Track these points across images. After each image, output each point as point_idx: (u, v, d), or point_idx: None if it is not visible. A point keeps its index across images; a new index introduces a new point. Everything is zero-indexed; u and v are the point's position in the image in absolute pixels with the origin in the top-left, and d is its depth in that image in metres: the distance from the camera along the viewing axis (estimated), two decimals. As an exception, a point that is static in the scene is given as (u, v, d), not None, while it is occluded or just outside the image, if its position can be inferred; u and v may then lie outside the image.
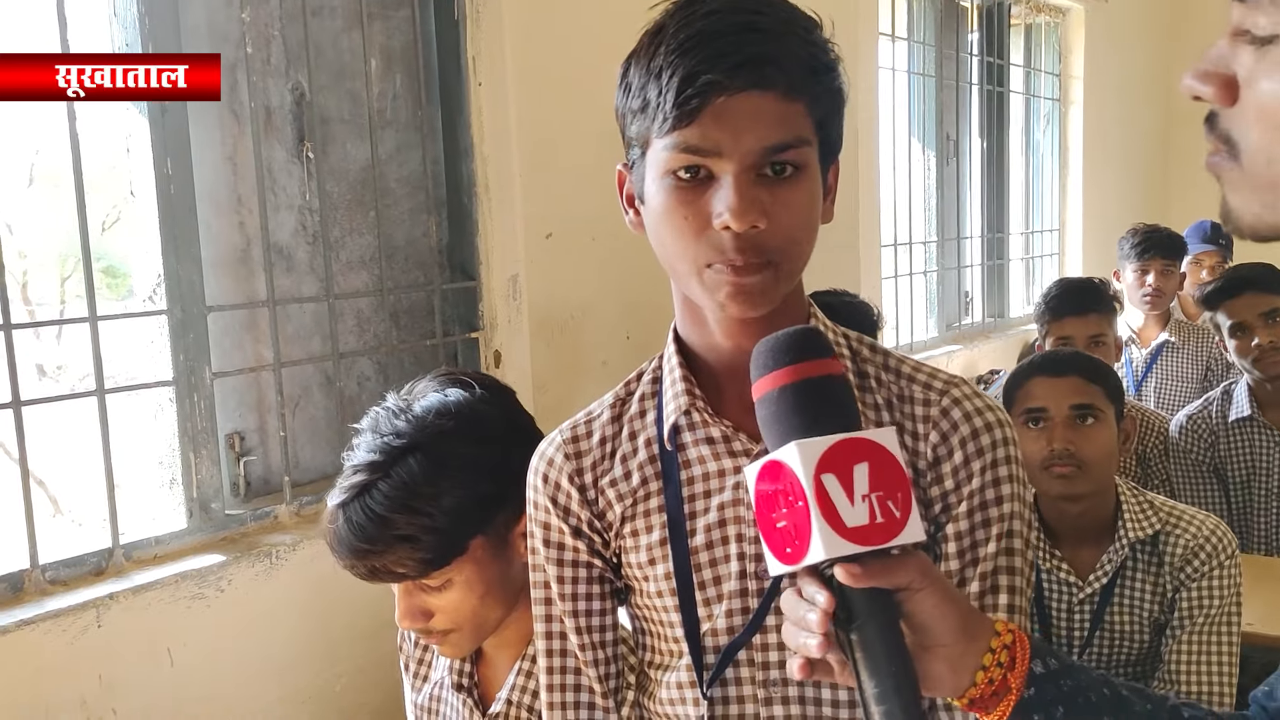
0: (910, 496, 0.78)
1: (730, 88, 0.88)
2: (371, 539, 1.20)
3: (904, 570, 0.79)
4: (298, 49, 2.23)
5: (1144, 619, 1.86)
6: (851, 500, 0.76)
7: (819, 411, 0.80)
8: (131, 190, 1.99)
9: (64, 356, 6.59)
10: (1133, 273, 3.65)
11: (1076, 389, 1.85)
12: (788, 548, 0.79)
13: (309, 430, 2.32)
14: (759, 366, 0.84)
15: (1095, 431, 1.84)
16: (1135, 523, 1.86)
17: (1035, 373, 1.90)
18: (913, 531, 0.78)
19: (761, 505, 0.81)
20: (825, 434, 0.78)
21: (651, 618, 1.08)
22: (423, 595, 1.27)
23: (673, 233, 0.94)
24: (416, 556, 1.21)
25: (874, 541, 0.77)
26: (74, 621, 1.76)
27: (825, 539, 0.76)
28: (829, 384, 0.82)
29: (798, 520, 0.77)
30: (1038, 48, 5.48)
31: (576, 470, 1.08)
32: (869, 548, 0.77)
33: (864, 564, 0.77)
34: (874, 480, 0.77)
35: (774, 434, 0.81)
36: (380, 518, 1.19)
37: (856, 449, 0.78)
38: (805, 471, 0.76)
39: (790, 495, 0.78)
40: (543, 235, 2.64)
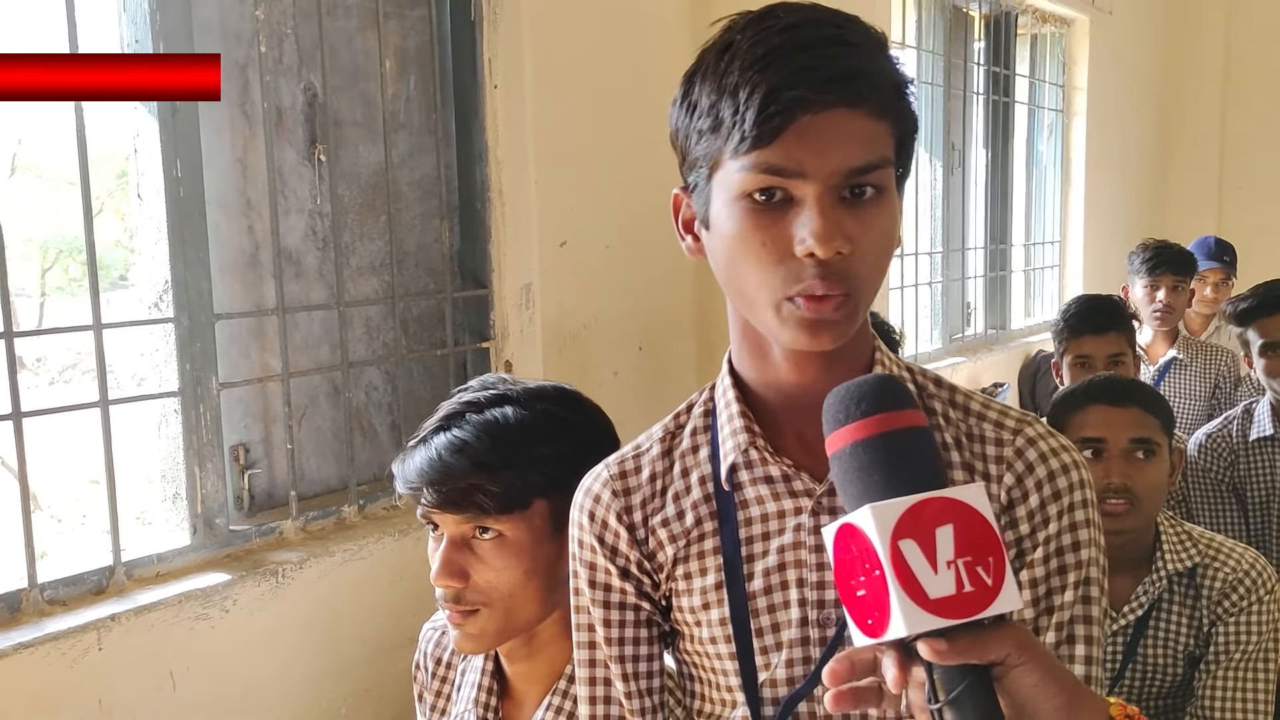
0: (1004, 560, 0.72)
1: (817, 105, 0.83)
2: (449, 463, 1.21)
3: (998, 643, 0.72)
4: (311, 48, 2.16)
5: (1178, 652, 1.81)
6: (935, 568, 0.70)
7: (897, 468, 0.74)
8: (139, 193, 1.91)
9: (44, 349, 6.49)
10: (1143, 288, 3.61)
11: (1137, 421, 1.80)
12: (868, 619, 0.73)
13: (315, 442, 2.25)
14: (831, 419, 0.79)
15: (1151, 466, 1.78)
16: (1174, 555, 1.81)
17: (1094, 400, 1.83)
18: (1007, 600, 0.71)
19: (840, 571, 0.76)
20: (904, 494, 0.72)
21: (703, 665, 1.03)
22: (467, 552, 1.24)
23: (749, 260, 0.88)
24: (487, 489, 1.20)
25: (962, 614, 0.70)
26: (74, 644, 1.69)
27: (906, 613, 0.70)
28: (908, 437, 0.76)
29: (876, 591, 0.71)
30: (1042, 58, 5.46)
31: (625, 508, 1.03)
32: (956, 621, 0.70)
33: (951, 638, 0.71)
34: (960, 544, 0.71)
35: (849, 495, 0.76)
36: (463, 443, 1.21)
37: (939, 510, 0.72)
38: (881, 538, 0.71)
39: (867, 563, 0.72)
40: (557, 243, 2.57)
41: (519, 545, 1.24)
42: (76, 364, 6.43)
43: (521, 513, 1.23)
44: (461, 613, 1.25)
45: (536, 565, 1.24)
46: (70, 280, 7.18)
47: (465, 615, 1.25)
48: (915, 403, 0.80)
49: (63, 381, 6.41)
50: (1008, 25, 4.97)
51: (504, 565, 1.24)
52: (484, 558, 1.24)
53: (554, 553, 1.26)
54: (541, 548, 1.25)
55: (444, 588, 1.25)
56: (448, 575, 1.24)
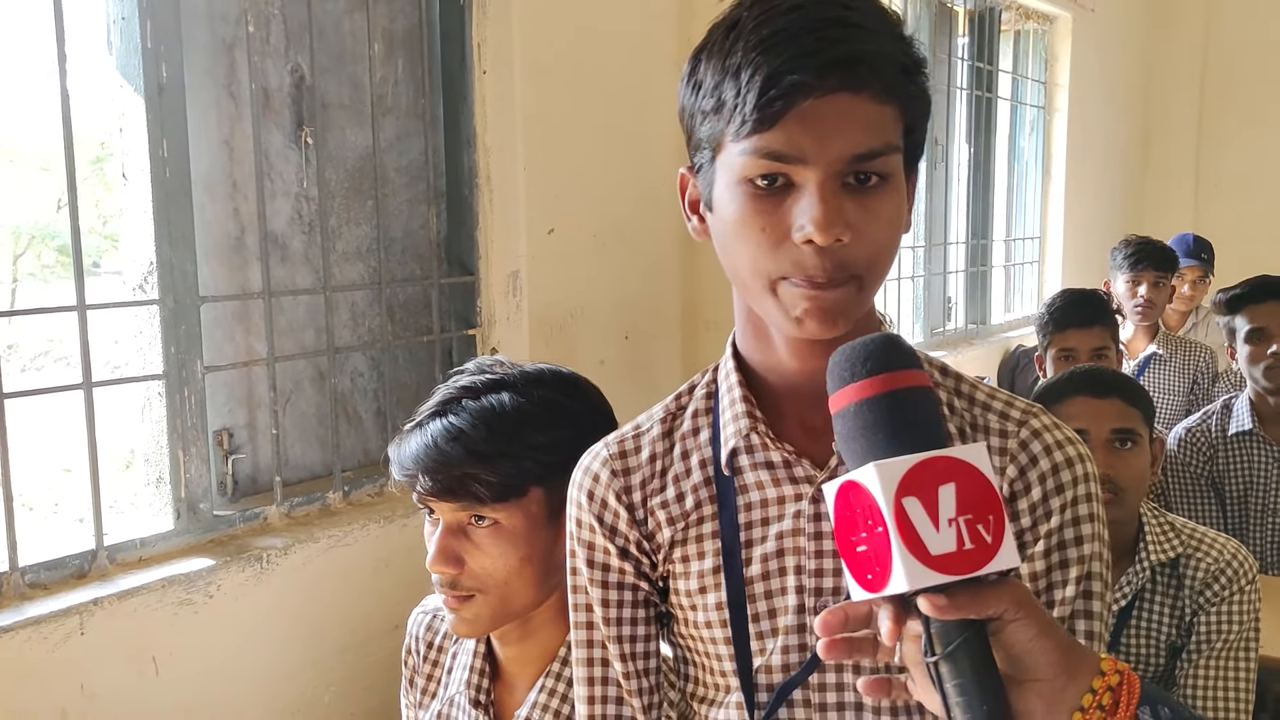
0: (1004, 519, 0.72)
1: (819, 89, 0.81)
2: (445, 452, 1.20)
3: (996, 599, 0.72)
4: (299, 30, 2.14)
5: (1160, 642, 1.83)
6: (936, 525, 0.71)
7: (901, 427, 0.74)
8: (124, 173, 1.88)
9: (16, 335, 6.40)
10: (1124, 284, 3.64)
11: (1118, 412, 1.81)
12: (868, 574, 0.73)
13: (299, 427, 2.23)
14: (835, 377, 0.78)
15: (1133, 456, 1.80)
16: (1157, 545, 1.83)
17: (1076, 391, 1.85)
18: (1006, 558, 0.72)
19: (841, 527, 0.76)
20: (907, 452, 0.72)
21: (698, 649, 1.02)
22: (463, 539, 1.24)
23: (747, 244, 0.87)
24: (483, 478, 1.20)
25: (962, 570, 0.71)
26: (56, 628, 1.67)
27: (908, 568, 0.70)
28: (912, 396, 0.75)
29: (878, 547, 0.72)
30: (1025, 55, 5.49)
31: (624, 488, 1.02)
32: (956, 577, 0.71)
33: (951, 594, 0.71)
34: (962, 502, 0.71)
35: (852, 452, 0.76)
36: (460, 431, 1.20)
37: (942, 468, 0.72)
38: (885, 495, 0.71)
39: (870, 519, 0.72)
40: (544, 231, 2.56)
41: (515, 532, 1.23)
42: (49, 351, 6.34)
43: (518, 500, 1.23)
44: (457, 598, 1.25)
45: (532, 552, 1.24)
46: (43, 267, 7.07)
47: (461, 600, 1.25)
48: (919, 362, 0.79)
49: (35, 369, 6.33)
50: (991, 21, 4.98)
51: (500, 552, 1.24)
52: (480, 544, 1.24)
53: (550, 539, 1.26)
54: (537, 534, 1.24)
55: (440, 574, 1.25)
56: (443, 562, 1.24)
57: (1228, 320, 2.67)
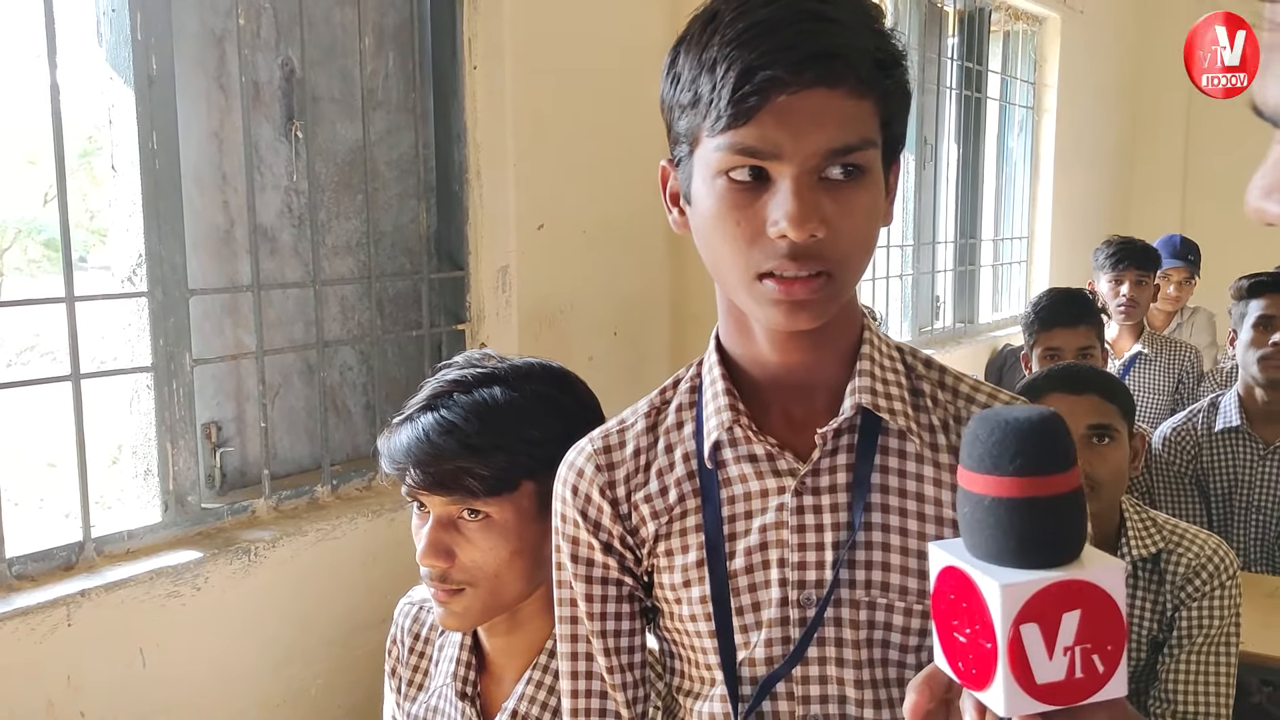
0: (1123, 648, 0.67)
1: (794, 84, 0.81)
2: (437, 445, 1.19)
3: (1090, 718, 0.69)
4: (289, 23, 2.14)
5: (1142, 637, 1.85)
6: (1050, 654, 0.65)
7: (1038, 540, 0.67)
8: (113, 166, 1.88)
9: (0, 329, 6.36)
10: (1107, 283, 3.66)
11: (1094, 408, 1.83)
12: (961, 663, 0.69)
13: (288, 421, 2.23)
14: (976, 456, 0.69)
15: (1110, 452, 1.81)
16: (1138, 540, 1.85)
17: (1053, 388, 1.86)
18: (1115, 688, 0.67)
19: (940, 602, 0.71)
20: (1036, 566, 0.66)
21: (683, 642, 1.03)
22: (454, 532, 1.24)
23: (723, 238, 0.87)
24: (475, 471, 1.19)
25: (1065, 700, 0.66)
26: (43, 620, 1.67)
27: (1009, 697, 0.65)
28: (1058, 505, 0.67)
29: (981, 656, 0.67)
30: (1014, 55, 5.51)
31: (608, 482, 1.02)
32: (1057, 707, 0.66)
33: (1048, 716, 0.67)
34: (1084, 631, 0.65)
35: (973, 543, 0.69)
36: (451, 425, 1.19)
37: (1072, 594, 0.65)
38: (1003, 619, 0.65)
39: (978, 625, 0.67)
40: (534, 226, 2.57)
41: (506, 526, 1.23)
42: (35, 345, 6.30)
43: (509, 494, 1.22)
44: (447, 591, 1.24)
45: (523, 545, 1.24)
46: (29, 261, 7.03)
47: (451, 594, 1.25)
48: (1074, 459, 0.70)
49: (20, 363, 6.29)
50: (981, 22, 5.01)
51: (490, 546, 1.23)
52: (470, 538, 1.23)
53: (540, 532, 1.25)
54: (528, 528, 1.24)
55: (430, 567, 1.24)
56: (434, 555, 1.23)
57: (1240, 305, 2.64)
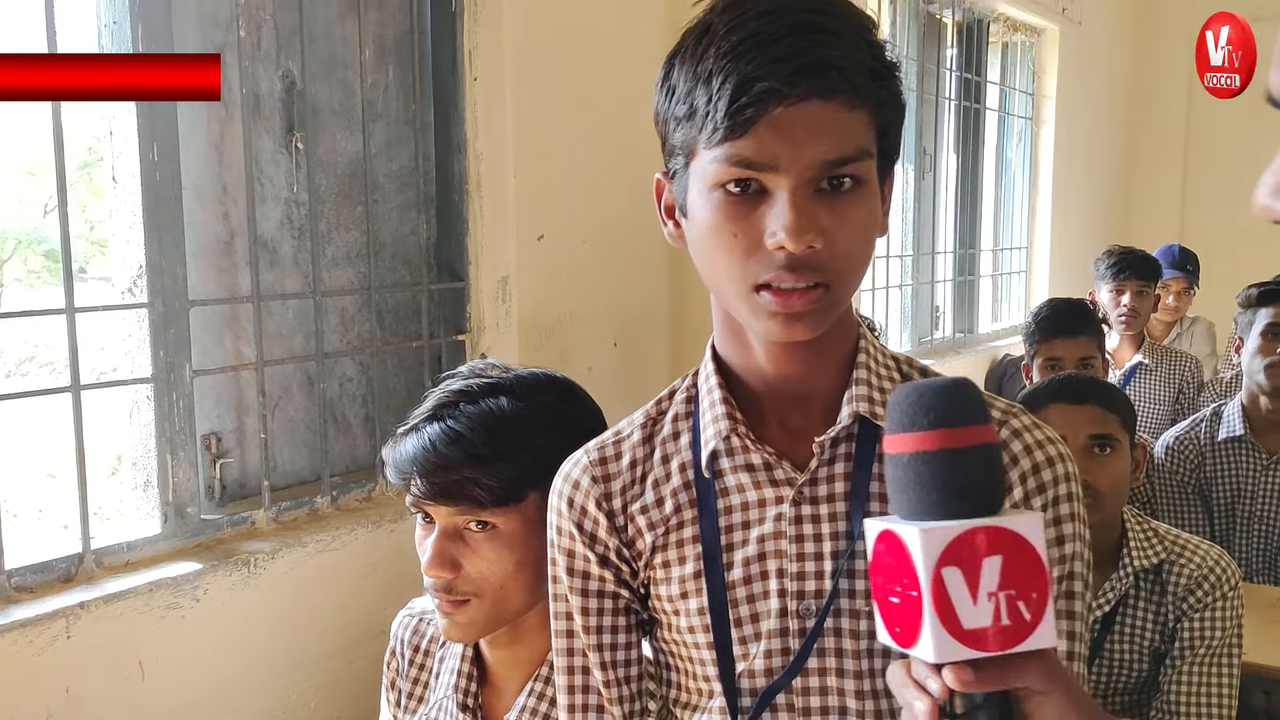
0: (1048, 596, 0.70)
1: (789, 96, 0.81)
2: (444, 454, 1.19)
3: (1022, 673, 0.71)
4: (290, 35, 2.14)
5: (1144, 648, 1.84)
6: (974, 599, 0.68)
7: (956, 489, 0.70)
8: (114, 177, 1.89)
9: None
10: (1108, 293, 3.66)
11: (1095, 418, 1.82)
12: (897, 627, 0.71)
13: (287, 432, 2.23)
14: (895, 419, 0.74)
15: (1111, 462, 1.81)
16: (1140, 551, 1.84)
17: (1053, 398, 1.86)
18: (1042, 637, 0.69)
19: (877, 570, 0.73)
20: (957, 517, 0.69)
21: (681, 654, 1.02)
22: (460, 543, 1.23)
23: (720, 251, 0.87)
24: (483, 482, 1.19)
25: (994, 647, 0.69)
26: (42, 632, 1.66)
27: (937, 641, 0.68)
28: (973, 456, 0.71)
29: (910, 608, 0.70)
30: (1013, 66, 5.53)
31: (604, 494, 1.02)
32: (986, 653, 0.69)
33: (979, 666, 0.69)
34: (1006, 577, 0.68)
35: (899, 503, 0.73)
36: (458, 435, 1.19)
37: (991, 540, 0.69)
38: (925, 562, 0.68)
39: (906, 578, 0.70)
40: (534, 237, 2.57)
41: (511, 537, 1.23)
42: (34, 357, 6.31)
43: (515, 505, 1.22)
44: (452, 602, 1.24)
45: (528, 556, 1.23)
46: (29, 272, 7.03)
47: (455, 605, 1.24)
48: (989, 415, 0.75)
49: (20, 375, 6.28)
50: (979, 33, 5.02)
51: (496, 557, 1.23)
52: (476, 549, 1.23)
53: (545, 544, 1.26)
54: (533, 539, 1.23)
55: (436, 578, 1.24)
56: (439, 566, 1.23)
57: (1248, 313, 2.63)
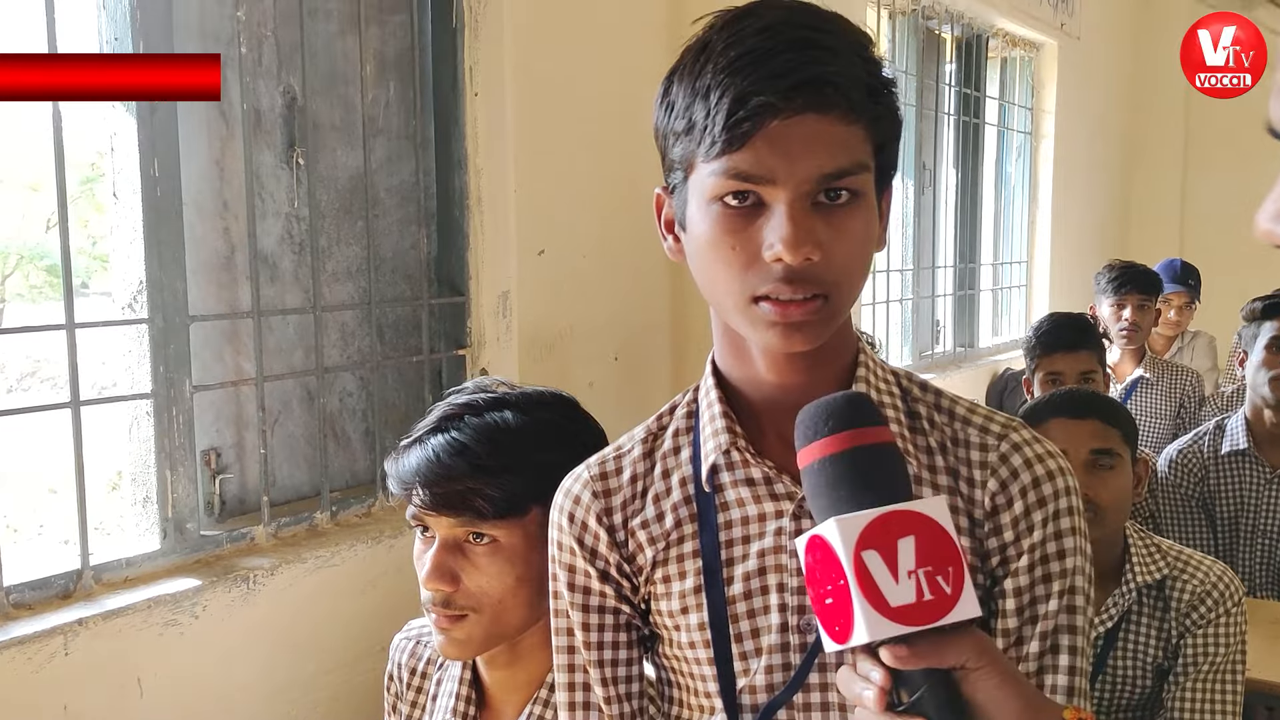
0: (963, 570, 0.75)
1: (785, 111, 0.82)
2: (448, 465, 1.20)
3: (956, 650, 0.75)
4: (291, 51, 2.15)
5: (1147, 664, 1.84)
6: (896, 577, 0.74)
7: (862, 483, 0.77)
8: (114, 192, 1.89)
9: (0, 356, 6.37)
10: (1109, 307, 3.67)
11: (1096, 433, 1.82)
12: (836, 626, 0.76)
13: (287, 448, 2.23)
14: (801, 435, 0.80)
15: (1113, 477, 1.81)
16: (1143, 567, 1.84)
17: (1054, 413, 1.86)
18: (965, 608, 0.75)
19: (811, 580, 0.78)
20: (868, 507, 0.75)
21: (681, 669, 1.02)
22: (460, 556, 1.23)
23: (719, 263, 0.88)
24: (485, 493, 1.19)
25: (921, 621, 0.74)
26: (39, 649, 1.65)
27: (868, 620, 0.73)
28: (874, 453, 0.79)
29: (841, 600, 0.75)
30: (1012, 81, 5.55)
31: (605, 510, 1.02)
32: (916, 628, 0.74)
33: (912, 644, 0.74)
34: (921, 555, 0.74)
35: (817, 508, 0.78)
36: (463, 446, 1.20)
37: (901, 522, 0.75)
38: (845, 549, 0.74)
39: (833, 573, 0.75)
40: (534, 252, 2.57)
41: (512, 551, 1.22)
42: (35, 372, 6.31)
43: (518, 519, 1.22)
44: (449, 617, 1.23)
45: (528, 572, 1.23)
46: (30, 287, 7.04)
47: (453, 620, 1.24)
48: (882, 419, 0.81)
49: (20, 390, 6.29)
50: (978, 48, 5.04)
51: (496, 571, 1.22)
52: (476, 562, 1.23)
53: (545, 561, 1.25)
54: (534, 555, 1.23)
55: (434, 591, 1.23)
56: (438, 579, 1.22)
57: (1253, 326, 2.64)
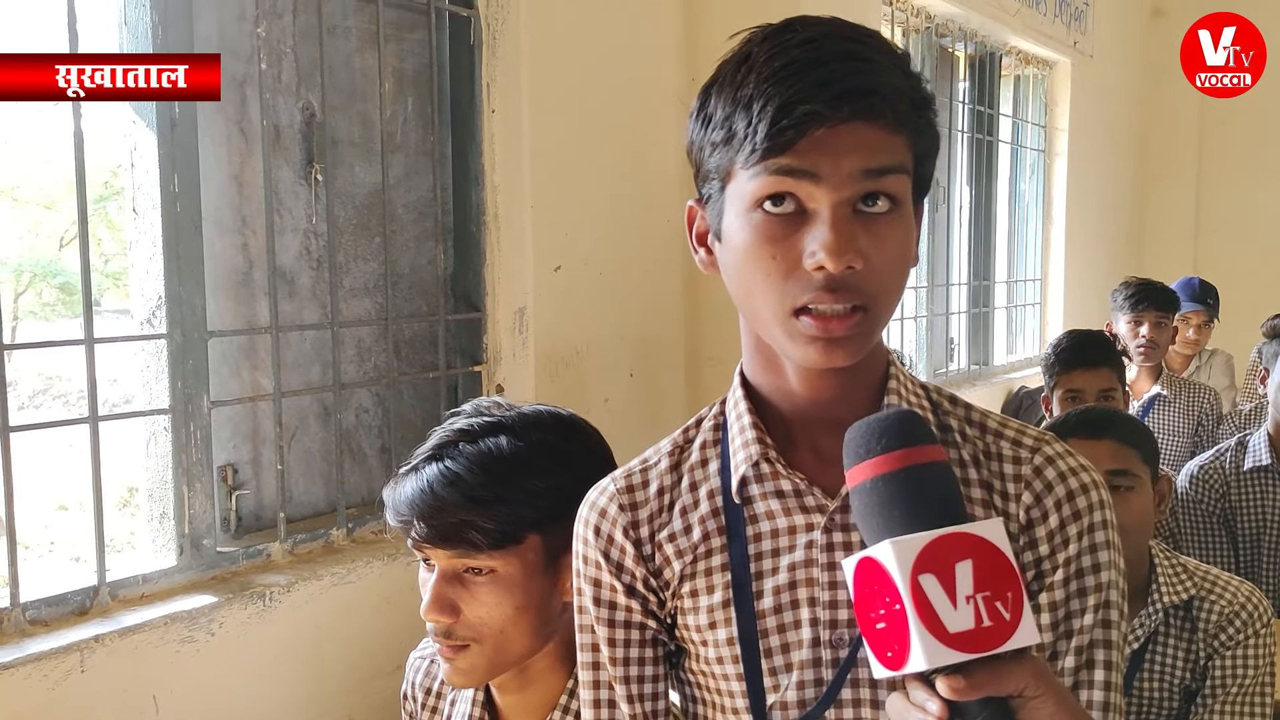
0: (1022, 595, 0.73)
1: (831, 119, 0.81)
2: (441, 497, 1.18)
3: (1015, 677, 0.73)
4: (310, 68, 2.16)
5: (1175, 686, 1.81)
6: (954, 603, 0.72)
7: (918, 504, 0.75)
8: (134, 208, 1.89)
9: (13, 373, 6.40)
10: (1126, 324, 3.64)
11: (1112, 453, 1.79)
12: (888, 651, 0.74)
13: (304, 464, 2.22)
14: (851, 453, 0.79)
15: (1132, 498, 1.78)
16: (1170, 588, 1.81)
17: (1071, 434, 1.82)
18: (1026, 635, 0.72)
19: (860, 603, 0.76)
20: (923, 529, 0.73)
21: (708, 686, 1.00)
22: (459, 587, 1.21)
23: (758, 273, 0.86)
24: (479, 525, 1.17)
25: (981, 648, 0.71)
26: (56, 665, 1.64)
27: (926, 647, 0.71)
28: (929, 473, 0.76)
29: (896, 625, 0.72)
30: (1025, 99, 5.54)
31: (631, 523, 1.00)
32: (975, 655, 0.71)
33: (970, 672, 0.72)
34: (979, 579, 0.72)
35: (869, 528, 0.77)
36: (456, 476, 1.18)
37: (958, 545, 0.73)
38: (901, 572, 0.72)
39: (887, 597, 0.73)
40: (551, 268, 2.57)
41: (511, 581, 1.21)
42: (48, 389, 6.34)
43: (514, 548, 1.20)
44: (452, 647, 1.22)
45: (529, 601, 1.22)
46: (44, 305, 7.08)
47: (456, 650, 1.22)
48: (936, 437, 0.80)
49: (32, 406, 6.32)
50: (992, 66, 5.04)
51: (495, 601, 1.21)
52: (475, 593, 1.21)
53: (547, 587, 1.23)
54: (534, 583, 1.22)
55: (435, 622, 1.22)
56: (438, 610, 1.21)
57: (1274, 344, 2.62)
